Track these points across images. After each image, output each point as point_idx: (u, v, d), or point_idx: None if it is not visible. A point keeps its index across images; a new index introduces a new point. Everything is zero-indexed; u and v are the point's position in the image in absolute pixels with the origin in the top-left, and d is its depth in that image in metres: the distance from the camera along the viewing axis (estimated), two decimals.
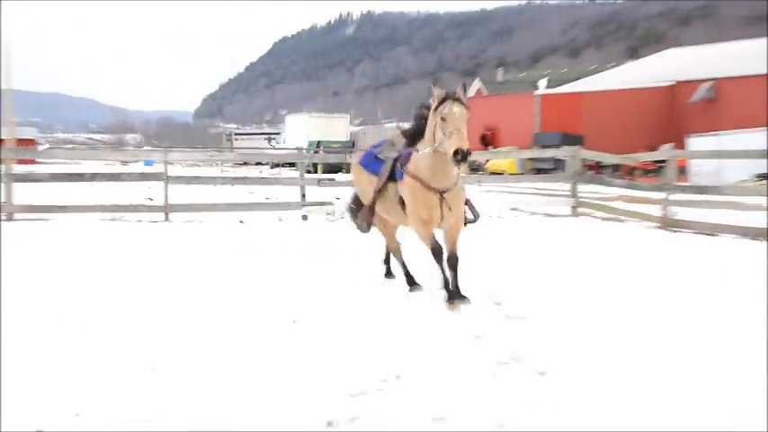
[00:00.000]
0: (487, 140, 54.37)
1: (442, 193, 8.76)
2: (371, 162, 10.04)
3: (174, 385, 6.02)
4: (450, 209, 8.85)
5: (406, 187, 9.11)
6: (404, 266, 10.40)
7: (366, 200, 10.30)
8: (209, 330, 7.79)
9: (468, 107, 8.52)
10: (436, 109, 8.52)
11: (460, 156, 7.98)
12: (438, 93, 8.59)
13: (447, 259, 9.02)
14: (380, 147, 10.07)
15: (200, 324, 8.04)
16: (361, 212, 10.36)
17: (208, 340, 7.41)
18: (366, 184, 10.17)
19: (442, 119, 8.36)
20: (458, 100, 8.41)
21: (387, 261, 11.00)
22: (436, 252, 8.96)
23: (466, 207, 9.60)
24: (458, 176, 8.95)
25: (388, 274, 10.88)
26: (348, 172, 43.24)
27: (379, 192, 9.69)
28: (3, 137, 27.65)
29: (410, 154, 9.14)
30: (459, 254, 9.12)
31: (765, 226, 14.91)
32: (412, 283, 10.15)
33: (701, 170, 37.94)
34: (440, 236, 9.21)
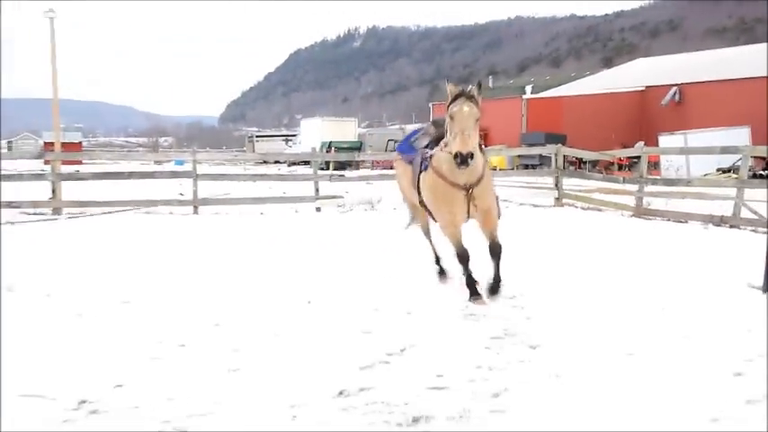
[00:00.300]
0: (480, 140, 54.36)
1: (467, 189, 7.77)
2: (408, 148, 9.12)
3: (200, 361, 5.99)
4: (476, 205, 7.90)
5: (427, 180, 8.18)
6: (434, 250, 9.58)
7: (404, 191, 9.73)
8: (233, 311, 7.77)
9: (480, 106, 7.49)
10: (449, 106, 7.49)
11: (459, 159, 7.08)
12: (451, 90, 7.54)
13: (489, 248, 8.14)
14: (416, 135, 9.17)
15: (224, 305, 8.02)
16: (415, 214, 9.56)
17: (231, 320, 7.39)
18: (402, 174, 9.46)
19: (451, 117, 7.37)
20: (470, 98, 7.39)
21: (437, 261, 9.58)
22: (462, 257, 8.05)
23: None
24: (483, 169, 7.92)
25: (441, 272, 9.42)
26: (356, 169, 43.15)
27: (418, 187, 8.56)
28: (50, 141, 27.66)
29: (431, 156, 8.15)
30: (501, 242, 8.19)
31: (729, 214, 14.94)
32: (441, 271, 9.41)
33: (670, 165, 37.88)
34: (475, 228, 8.43)
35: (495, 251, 8.11)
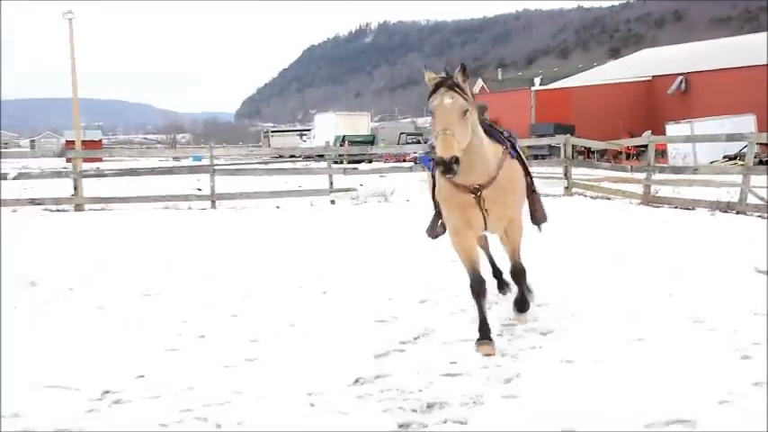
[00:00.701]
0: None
1: (475, 191, 6.01)
2: (426, 159, 7.40)
3: (219, 352, 6.01)
4: (487, 211, 6.13)
5: (439, 184, 6.36)
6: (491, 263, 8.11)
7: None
8: (250, 302, 7.80)
9: (468, 94, 5.66)
10: (428, 99, 5.74)
11: (443, 167, 5.27)
12: (430, 79, 5.76)
13: (510, 272, 6.84)
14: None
15: (241, 297, 8.04)
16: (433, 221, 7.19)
17: (248, 311, 7.41)
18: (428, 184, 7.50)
19: (432, 113, 5.61)
20: (453, 87, 5.59)
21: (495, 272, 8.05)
22: (475, 288, 6.32)
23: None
24: (499, 167, 6.11)
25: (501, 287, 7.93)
26: (370, 162, 43.04)
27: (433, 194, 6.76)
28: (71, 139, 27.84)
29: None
30: (524, 263, 6.77)
31: (736, 200, 14.87)
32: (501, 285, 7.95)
33: (677, 153, 37.70)
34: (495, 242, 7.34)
35: (518, 276, 6.79)
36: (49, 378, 5.35)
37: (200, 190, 20.86)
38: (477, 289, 6.31)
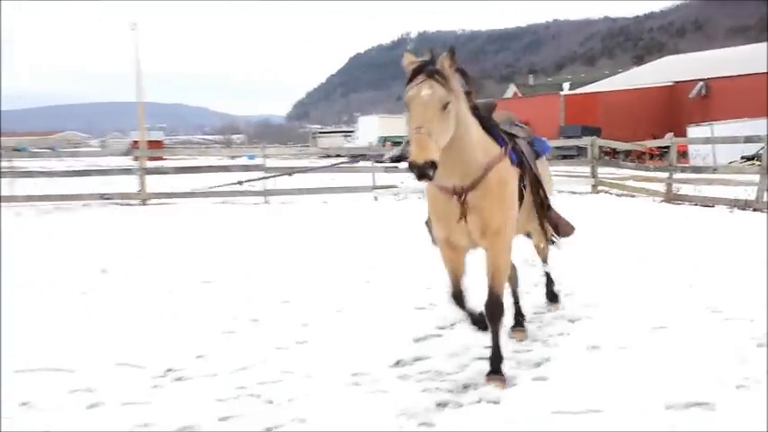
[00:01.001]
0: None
1: (459, 193, 4.65)
2: None
3: (272, 334, 6.07)
4: (467, 218, 4.72)
5: (428, 199, 5.19)
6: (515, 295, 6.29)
7: None
8: (300, 289, 7.84)
9: (452, 84, 4.34)
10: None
11: (416, 172, 3.97)
12: (408, 62, 4.49)
13: (485, 306, 5.00)
14: None
15: (292, 284, 8.09)
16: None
17: (299, 297, 7.46)
18: None
19: (407, 106, 4.27)
20: (433, 75, 4.25)
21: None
22: (455, 297, 5.21)
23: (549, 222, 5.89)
24: (490, 165, 4.68)
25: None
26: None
27: None
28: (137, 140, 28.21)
29: None
30: (504, 300, 5.06)
31: (753, 198, 14.68)
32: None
33: (697, 153, 37.21)
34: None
35: (493, 314, 4.98)
36: (117, 356, 5.44)
37: (252, 185, 20.98)
38: (455, 294, 5.20)
